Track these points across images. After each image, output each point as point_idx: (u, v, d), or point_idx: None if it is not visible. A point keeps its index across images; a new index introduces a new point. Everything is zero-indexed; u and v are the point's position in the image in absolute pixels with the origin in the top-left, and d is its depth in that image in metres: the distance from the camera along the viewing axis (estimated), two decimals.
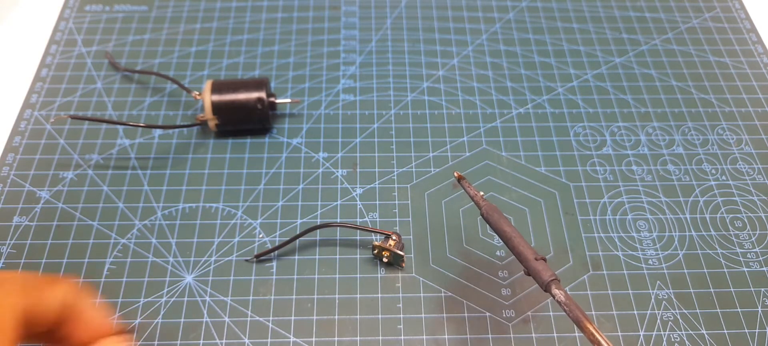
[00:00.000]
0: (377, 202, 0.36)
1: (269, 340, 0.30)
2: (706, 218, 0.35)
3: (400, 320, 0.31)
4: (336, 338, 0.30)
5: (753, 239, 0.34)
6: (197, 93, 0.37)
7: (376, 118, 0.40)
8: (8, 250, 0.33)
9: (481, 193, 0.29)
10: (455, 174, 0.29)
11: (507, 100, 0.41)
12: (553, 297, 0.25)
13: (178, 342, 0.30)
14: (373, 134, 0.39)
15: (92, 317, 0.22)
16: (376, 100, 0.41)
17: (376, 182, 0.36)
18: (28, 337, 0.19)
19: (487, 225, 0.28)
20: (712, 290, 0.32)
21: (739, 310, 0.32)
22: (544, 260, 0.26)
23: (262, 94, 0.36)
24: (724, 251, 0.34)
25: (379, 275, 0.33)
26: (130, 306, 0.31)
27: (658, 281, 0.33)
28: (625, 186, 0.37)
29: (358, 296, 0.32)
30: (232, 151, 0.38)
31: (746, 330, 0.31)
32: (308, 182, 0.36)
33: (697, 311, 0.32)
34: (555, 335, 0.31)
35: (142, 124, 0.36)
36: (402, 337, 0.31)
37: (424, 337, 0.31)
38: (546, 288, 0.25)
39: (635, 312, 0.31)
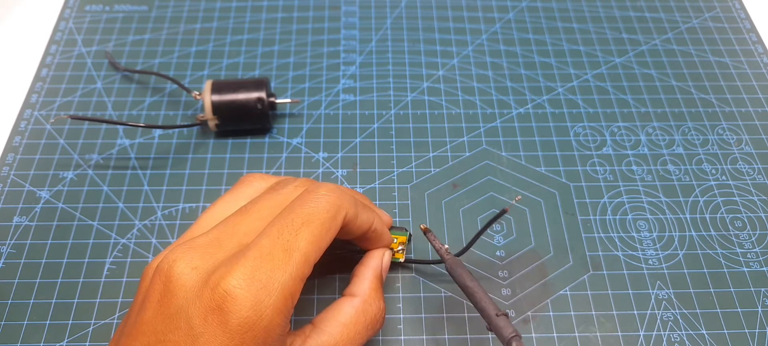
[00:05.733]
0: (377, 202, 0.35)
1: None
2: (706, 218, 0.35)
3: (400, 320, 0.31)
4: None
5: (753, 239, 0.34)
6: (197, 93, 0.37)
7: (376, 118, 0.40)
8: (8, 250, 0.33)
9: (446, 246, 0.29)
10: (421, 227, 0.30)
11: (507, 100, 0.41)
12: None
13: None
14: (373, 134, 0.39)
15: (385, 240, 0.29)
16: (376, 100, 0.41)
17: (376, 182, 0.36)
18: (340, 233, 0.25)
19: (451, 277, 0.28)
20: (712, 290, 0.32)
21: (739, 310, 0.32)
22: (506, 315, 0.26)
23: (262, 94, 0.36)
24: (724, 251, 0.34)
25: None
26: None
27: (658, 281, 0.33)
28: (625, 186, 0.37)
29: None
30: (232, 151, 0.38)
31: (746, 330, 0.31)
32: None
33: (697, 311, 0.32)
34: (555, 335, 0.31)
35: (142, 124, 0.36)
36: (402, 337, 0.31)
37: (424, 337, 0.31)
38: (507, 344, 0.25)
39: (635, 312, 0.31)
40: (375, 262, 0.29)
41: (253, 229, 0.24)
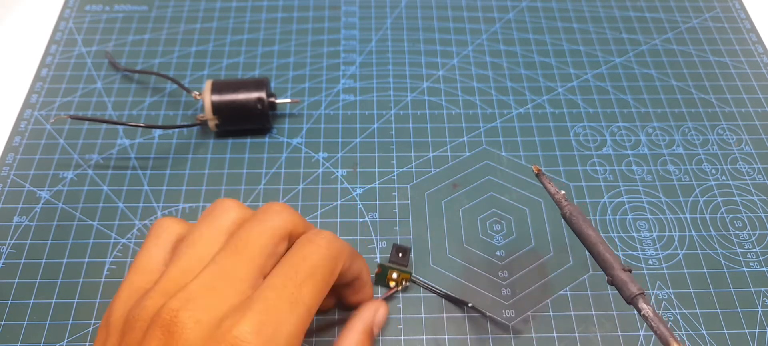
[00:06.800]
0: (377, 202, 0.36)
1: None
2: (706, 218, 0.35)
3: (400, 320, 0.31)
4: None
5: (753, 239, 0.34)
6: (197, 93, 0.37)
7: (376, 118, 0.40)
8: (8, 250, 0.33)
9: (563, 192, 0.26)
10: (534, 168, 0.27)
11: (507, 100, 0.41)
12: (639, 312, 0.22)
13: None
14: (373, 134, 0.39)
15: (368, 290, 0.30)
16: (376, 100, 0.41)
17: (376, 182, 0.36)
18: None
19: (569, 227, 0.26)
20: (712, 290, 0.32)
21: (739, 310, 0.32)
22: (630, 271, 0.24)
23: (262, 94, 0.36)
24: (724, 251, 0.34)
25: None
26: None
27: (658, 281, 0.33)
28: (625, 186, 0.37)
29: None
30: (232, 151, 0.38)
31: (746, 330, 0.31)
32: (308, 182, 0.36)
33: (697, 311, 0.32)
34: (555, 335, 0.31)
35: (142, 124, 0.36)
36: (402, 337, 0.31)
37: (424, 337, 0.31)
38: (631, 301, 0.23)
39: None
40: (367, 314, 0.28)
41: (249, 274, 0.23)
